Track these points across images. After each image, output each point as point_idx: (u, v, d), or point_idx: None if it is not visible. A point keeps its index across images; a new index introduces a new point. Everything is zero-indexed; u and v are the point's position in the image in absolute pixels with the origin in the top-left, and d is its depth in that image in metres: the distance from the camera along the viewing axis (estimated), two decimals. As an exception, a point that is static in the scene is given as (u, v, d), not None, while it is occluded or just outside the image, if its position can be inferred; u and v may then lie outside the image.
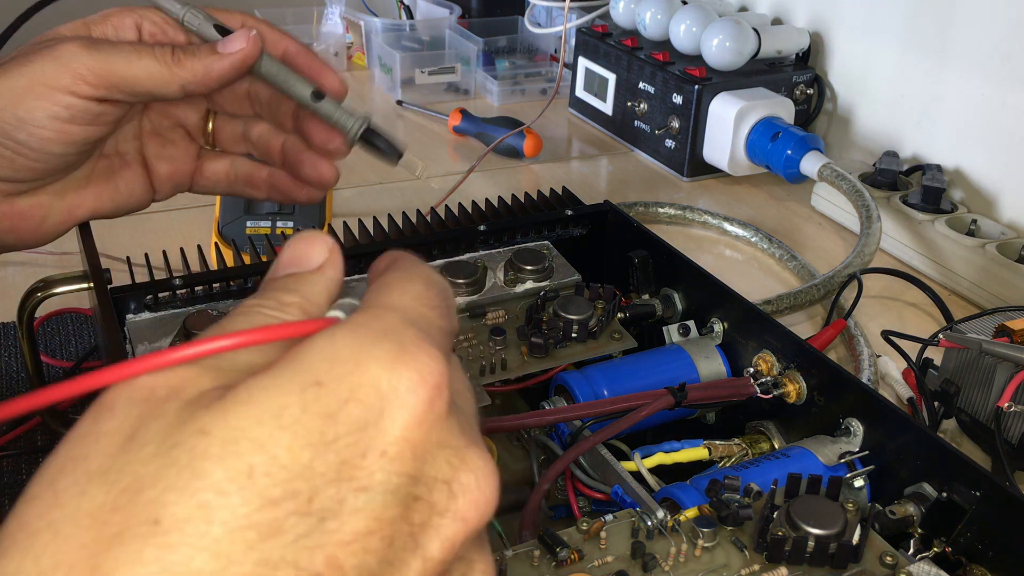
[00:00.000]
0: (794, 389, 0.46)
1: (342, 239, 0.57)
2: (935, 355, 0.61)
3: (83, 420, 0.21)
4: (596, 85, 1.08)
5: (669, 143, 0.98)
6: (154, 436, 0.20)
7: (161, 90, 0.46)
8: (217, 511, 0.19)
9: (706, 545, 0.37)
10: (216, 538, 0.18)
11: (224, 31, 0.47)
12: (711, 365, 0.50)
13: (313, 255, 0.26)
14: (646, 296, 0.55)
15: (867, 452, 0.43)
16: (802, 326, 0.73)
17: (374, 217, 0.59)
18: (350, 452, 0.20)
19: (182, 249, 0.55)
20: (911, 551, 0.39)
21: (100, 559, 0.18)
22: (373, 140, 0.50)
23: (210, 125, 0.53)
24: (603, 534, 0.37)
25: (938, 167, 0.86)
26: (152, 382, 0.21)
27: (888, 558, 0.36)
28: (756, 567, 0.36)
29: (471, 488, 0.22)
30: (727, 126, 0.91)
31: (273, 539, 0.19)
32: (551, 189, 0.61)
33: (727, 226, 0.86)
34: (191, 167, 0.53)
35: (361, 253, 0.54)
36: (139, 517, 0.18)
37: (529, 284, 0.52)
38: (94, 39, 0.45)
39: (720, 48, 0.95)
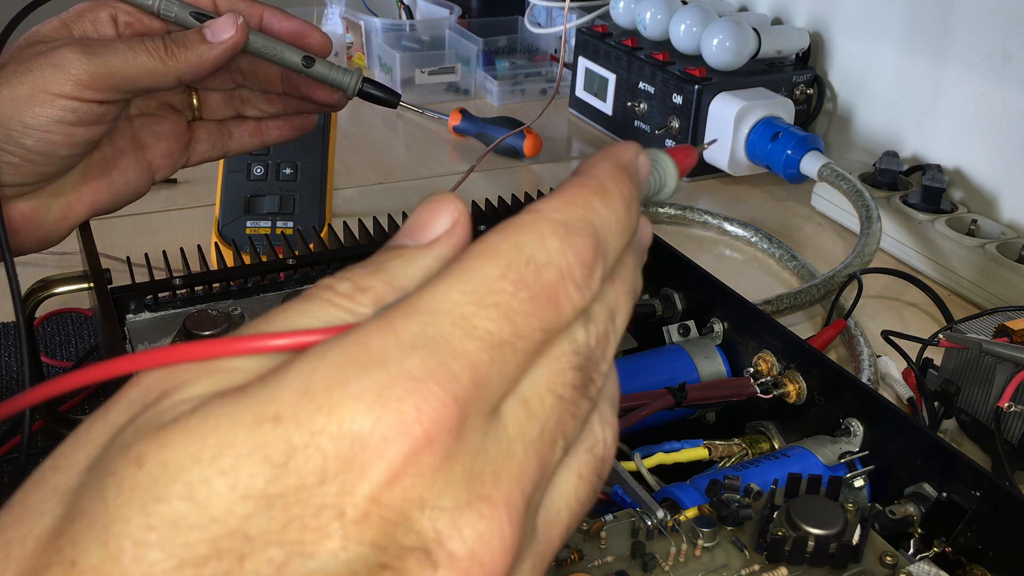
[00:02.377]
0: (794, 389, 0.46)
1: (342, 239, 0.57)
2: (935, 355, 0.61)
3: (87, 419, 0.19)
4: (596, 85, 1.08)
5: (669, 143, 0.98)
6: (109, 451, 0.18)
7: (159, 84, 0.47)
8: (132, 563, 0.16)
9: (706, 545, 0.37)
10: None
11: (202, 16, 0.48)
12: (711, 365, 0.50)
13: (432, 226, 0.21)
14: (646, 296, 0.55)
15: (867, 452, 0.43)
16: (802, 326, 0.73)
17: (374, 217, 0.59)
18: (300, 509, 0.17)
19: (182, 249, 0.55)
20: (911, 551, 0.39)
21: None
22: (371, 91, 0.52)
23: (195, 100, 0.53)
24: (603, 534, 0.37)
25: (938, 167, 0.86)
26: (150, 380, 0.19)
27: (888, 558, 0.36)
28: (756, 567, 0.36)
29: (460, 558, 0.18)
30: (727, 126, 0.91)
31: None
32: (551, 189, 0.61)
33: (727, 226, 0.86)
34: (185, 139, 0.54)
35: (361, 253, 0.54)
36: (63, 553, 0.17)
37: (529, 284, 0.52)
38: (89, 43, 0.46)
39: (720, 48, 0.95)
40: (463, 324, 0.19)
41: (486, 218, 0.59)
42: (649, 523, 0.37)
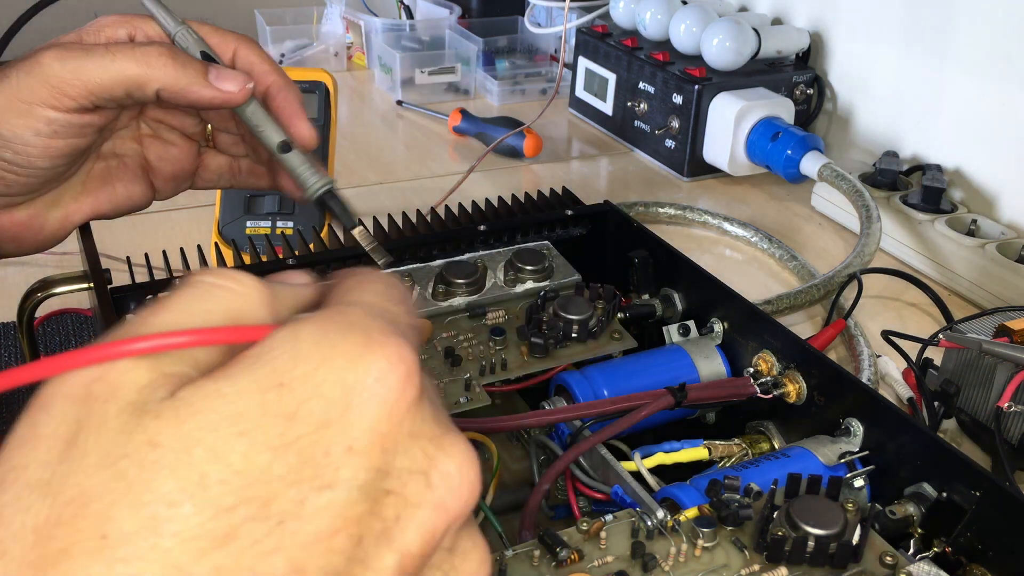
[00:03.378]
0: (794, 389, 0.46)
1: (342, 239, 0.57)
2: (935, 355, 0.61)
3: (21, 423, 0.20)
4: (596, 85, 1.08)
5: (669, 143, 0.98)
6: (96, 445, 0.19)
7: (137, 94, 0.44)
8: (167, 523, 0.18)
9: (706, 545, 0.37)
10: (167, 549, 0.18)
11: (209, 58, 0.47)
12: (711, 365, 0.50)
13: (291, 278, 0.25)
14: (646, 296, 0.55)
15: (867, 452, 0.43)
16: (802, 326, 0.73)
17: (374, 217, 0.59)
18: (312, 451, 0.20)
19: (182, 249, 0.55)
20: (911, 551, 0.39)
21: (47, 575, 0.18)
22: (330, 204, 0.48)
23: (208, 128, 0.52)
24: (603, 534, 0.37)
25: (938, 167, 0.86)
26: (87, 378, 0.20)
27: (888, 558, 0.36)
28: (756, 567, 0.36)
29: (451, 476, 0.21)
30: (727, 126, 0.91)
31: (227, 546, 0.18)
32: (551, 189, 0.61)
33: (727, 226, 0.86)
34: (193, 166, 0.53)
35: (361, 253, 0.54)
36: (86, 531, 0.18)
37: (529, 284, 0.52)
38: (68, 47, 0.44)
39: (720, 48, 0.95)
40: (390, 312, 0.23)
41: (486, 218, 0.59)
42: (649, 523, 0.37)
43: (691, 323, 0.53)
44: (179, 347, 0.21)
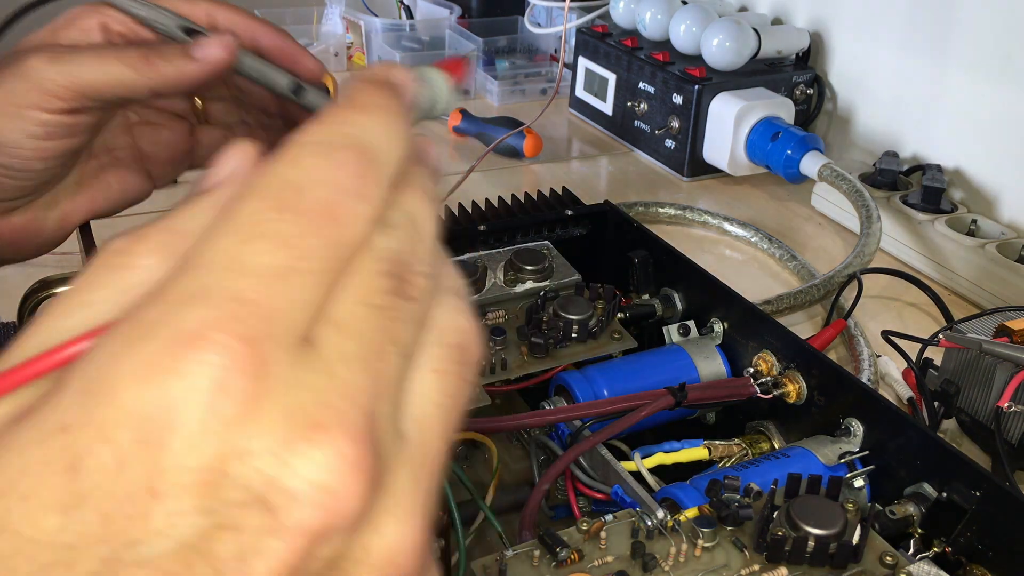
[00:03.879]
0: (794, 389, 0.46)
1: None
2: (935, 355, 0.61)
3: None
4: (596, 85, 1.08)
5: (669, 143, 0.98)
6: None
7: (131, 95, 0.44)
8: None
9: (706, 545, 0.37)
10: None
11: (192, 32, 0.46)
12: (711, 365, 0.50)
13: (217, 172, 0.21)
14: (646, 296, 0.55)
15: (867, 452, 0.43)
16: (802, 326, 0.73)
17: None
18: (110, 503, 0.17)
19: (182, 249, 0.55)
20: (911, 551, 0.39)
21: None
22: None
23: (199, 104, 0.52)
24: (603, 534, 0.37)
25: (938, 167, 0.86)
26: None
27: (888, 558, 0.36)
28: (756, 567, 0.36)
29: (301, 492, 0.17)
30: (727, 126, 0.91)
31: None
32: (551, 189, 0.61)
33: (727, 226, 0.86)
34: (188, 146, 0.52)
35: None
36: None
37: (529, 284, 0.52)
38: (57, 49, 0.44)
39: (720, 48, 0.95)
40: (235, 265, 0.18)
41: (486, 218, 0.59)
42: (649, 523, 0.37)
43: (691, 323, 0.53)
44: None
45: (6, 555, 0.16)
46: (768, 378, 0.47)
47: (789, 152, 0.88)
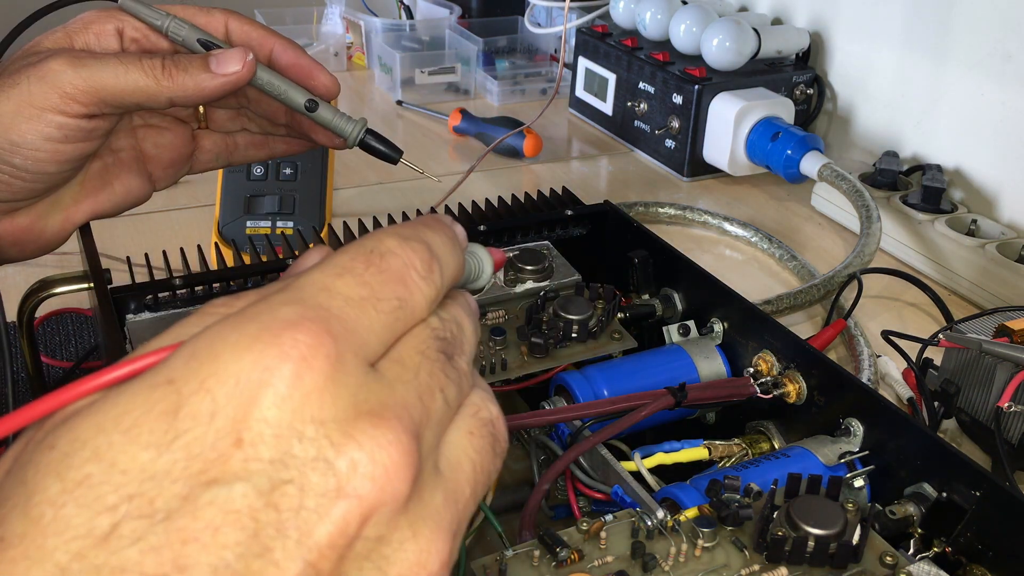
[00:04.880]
0: (794, 389, 0.46)
1: (342, 239, 0.57)
2: (935, 355, 0.61)
3: None
4: (596, 85, 1.08)
5: (669, 143, 0.98)
6: (22, 456, 0.20)
7: (150, 103, 0.45)
8: (52, 523, 0.19)
9: (706, 545, 0.37)
10: (50, 549, 0.18)
11: (209, 45, 0.46)
12: (711, 365, 0.50)
13: (305, 263, 0.26)
14: (646, 296, 0.55)
15: (867, 452, 0.43)
16: (802, 326, 0.73)
17: (374, 217, 0.59)
18: (198, 446, 0.20)
19: (182, 249, 0.55)
20: (911, 551, 0.39)
21: None
22: (372, 143, 0.50)
23: (201, 110, 0.52)
24: (603, 534, 0.37)
25: (938, 167, 0.86)
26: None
27: (888, 558, 0.36)
28: (756, 567, 0.36)
29: (360, 462, 0.20)
30: (727, 126, 0.91)
31: (108, 545, 0.19)
32: (551, 189, 0.61)
33: (727, 226, 0.86)
34: (189, 150, 0.52)
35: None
36: None
37: (529, 284, 0.52)
38: (79, 54, 0.44)
39: (720, 48, 0.95)
40: (326, 290, 0.22)
41: (486, 218, 0.59)
42: (649, 523, 0.37)
43: (691, 323, 0.53)
44: (112, 383, 0.21)
45: (97, 482, 0.19)
46: (768, 378, 0.47)
47: (789, 152, 0.88)
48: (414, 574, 0.22)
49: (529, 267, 0.53)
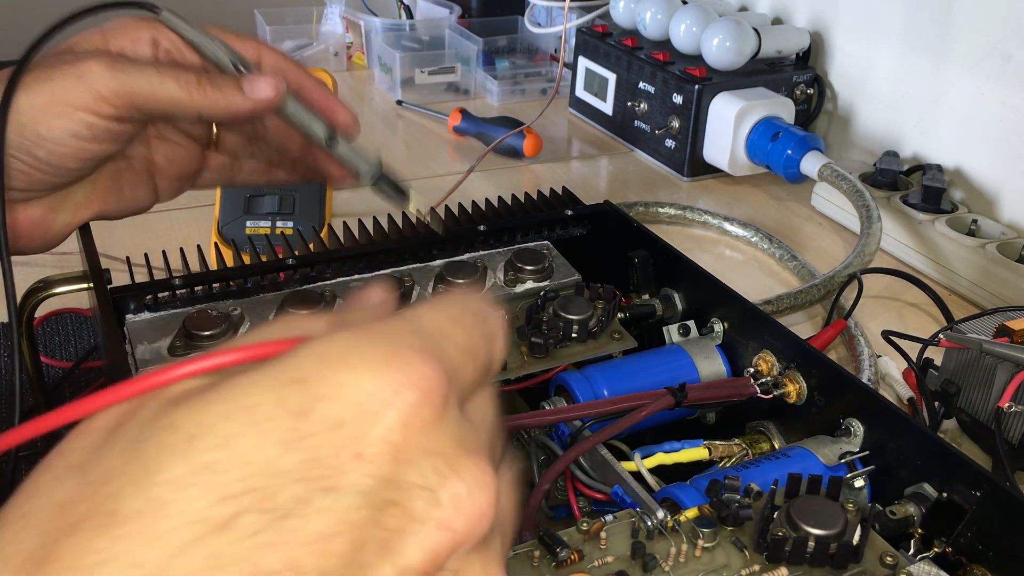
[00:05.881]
0: (794, 389, 0.46)
1: (342, 239, 0.57)
2: (935, 355, 0.61)
3: (81, 422, 0.21)
4: (596, 85, 1.08)
5: (669, 143, 0.98)
6: (130, 431, 0.20)
7: (179, 115, 0.46)
8: (172, 504, 0.19)
9: (706, 545, 0.37)
10: (168, 530, 0.18)
11: (241, 66, 0.47)
12: (711, 365, 0.50)
13: (370, 298, 0.27)
14: (646, 296, 0.55)
15: (867, 452, 0.43)
16: (802, 326, 0.73)
17: (374, 217, 0.59)
18: (322, 451, 0.20)
19: (182, 249, 0.55)
20: (911, 551, 0.39)
21: (54, 546, 0.18)
22: (383, 185, 0.51)
23: (214, 132, 0.53)
24: (603, 534, 0.37)
25: (938, 167, 0.86)
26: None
27: (888, 558, 0.36)
28: (756, 567, 0.36)
29: (461, 498, 0.21)
30: (727, 126, 0.91)
31: (226, 534, 0.19)
32: (551, 189, 0.61)
33: (727, 226, 0.86)
34: (197, 167, 0.53)
35: (361, 253, 0.54)
36: (99, 508, 0.19)
37: (529, 284, 0.52)
38: (116, 57, 0.45)
39: (720, 48, 0.95)
40: (442, 332, 0.24)
41: (486, 218, 0.59)
42: (649, 523, 0.37)
43: (691, 323, 0.53)
44: (230, 364, 0.22)
45: (224, 469, 0.19)
46: (768, 378, 0.47)
47: (789, 152, 0.88)
48: None
49: (529, 267, 0.53)
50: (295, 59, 0.51)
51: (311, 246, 0.57)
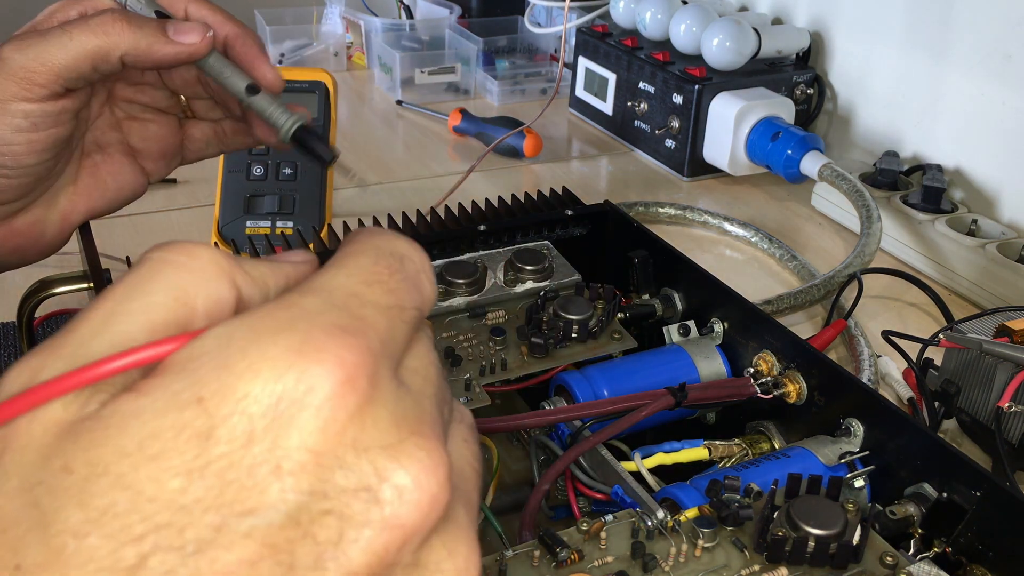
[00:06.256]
0: (794, 389, 0.46)
1: (342, 239, 0.57)
2: (935, 355, 0.61)
3: None
4: (596, 85, 1.08)
5: (669, 143, 0.98)
6: (18, 468, 0.18)
7: (103, 65, 0.44)
8: (75, 555, 0.17)
9: (706, 545, 0.37)
10: None
11: (163, 16, 0.46)
12: (711, 365, 0.50)
13: (291, 256, 0.25)
14: (646, 296, 0.55)
15: (867, 452, 0.43)
16: (802, 326, 0.73)
17: (374, 217, 0.59)
18: (233, 473, 0.18)
19: (182, 249, 0.55)
20: (911, 551, 0.39)
21: None
22: (305, 141, 0.47)
23: (183, 99, 0.52)
24: (603, 534, 0.37)
25: (938, 167, 0.86)
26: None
27: (888, 558, 0.36)
28: (756, 567, 0.36)
29: (406, 489, 0.19)
30: (727, 126, 0.91)
31: None
32: (551, 189, 0.61)
33: (727, 226, 0.86)
34: (178, 139, 0.52)
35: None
36: (2, 559, 0.18)
37: (529, 284, 0.52)
38: (23, 36, 0.44)
39: (720, 48, 0.95)
40: (357, 297, 0.21)
41: (486, 218, 0.59)
42: (649, 523, 0.37)
43: (691, 323, 0.53)
44: (105, 376, 0.19)
45: (123, 512, 0.18)
46: (768, 378, 0.47)
47: (789, 152, 0.88)
48: None
49: (529, 267, 0.53)
50: (225, 11, 0.49)
51: (311, 246, 0.57)
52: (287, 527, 0.18)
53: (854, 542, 0.36)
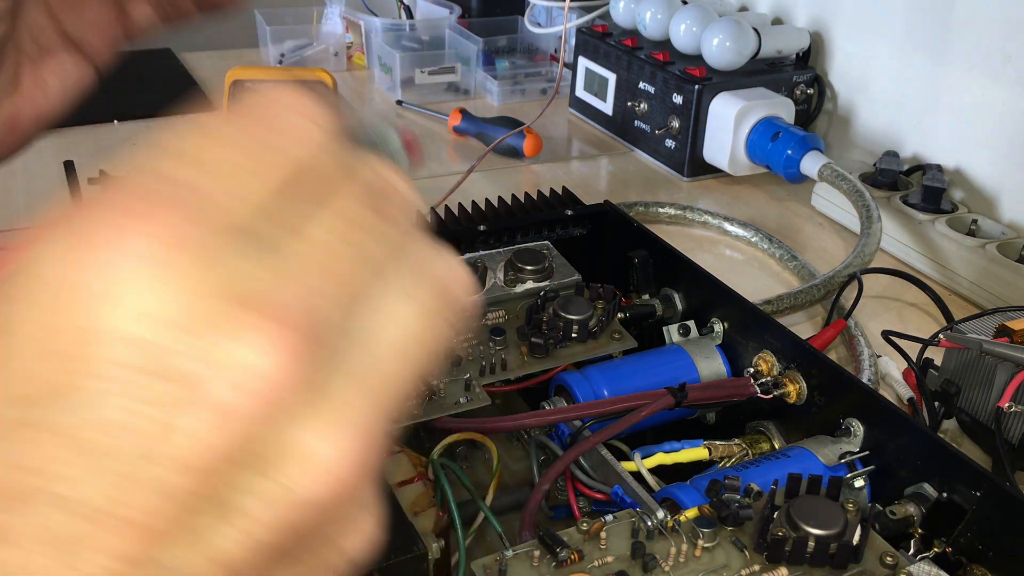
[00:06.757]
0: (794, 389, 0.46)
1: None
2: (935, 355, 0.61)
3: None
4: (596, 85, 1.08)
5: (669, 143, 0.98)
6: None
7: None
8: None
9: (706, 545, 0.37)
10: None
11: None
12: (711, 365, 0.50)
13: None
14: (646, 296, 0.55)
15: (867, 452, 0.43)
16: (802, 326, 0.73)
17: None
18: (34, 364, 0.17)
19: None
20: (911, 551, 0.39)
21: None
22: None
23: None
24: (603, 534, 0.37)
25: (938, 167, 0.86)
26: None
27: (888, 558, 0.36)
28: (756, 567, 0.36)
29: (226, 370, 0.17)
30: (727, 126, 0.91)
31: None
32: (551, 189, 0.61)
33: (727, 226, 0.86)
34: (119, 23, 0.49)
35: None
36: None
37: (529, 284, 0.52)
38: None
39: (720, 48, 0.95)
40: (188, 159, 0.18)
41: (486, 218, 0.59)
42: (649, 523, 0.37)
43: (691, 323, 0.53)
44: None
45: None
46: (768, 378, 0.47)
47: (789, 152, 0.88)
48: (316, 485, 0.18)
49: (529, 267, 0.53)
50: None
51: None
52: (98, 421, 0.16)
53: (854, 542, 0.36)
